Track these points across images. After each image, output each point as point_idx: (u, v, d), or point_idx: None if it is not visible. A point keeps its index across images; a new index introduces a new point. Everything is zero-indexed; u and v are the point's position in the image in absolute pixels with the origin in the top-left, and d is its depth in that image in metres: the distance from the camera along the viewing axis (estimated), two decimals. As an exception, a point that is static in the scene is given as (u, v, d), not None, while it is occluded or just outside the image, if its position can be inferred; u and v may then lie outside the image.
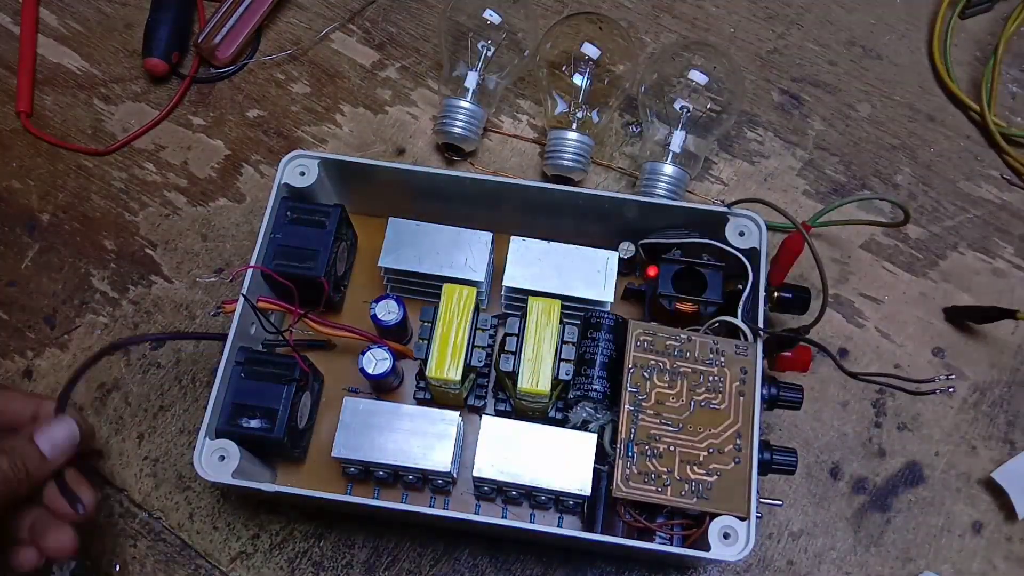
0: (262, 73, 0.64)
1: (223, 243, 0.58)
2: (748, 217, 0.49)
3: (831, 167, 0.61)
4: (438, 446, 0.46)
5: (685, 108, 0.57)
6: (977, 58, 0.65)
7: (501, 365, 0.47)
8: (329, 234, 0.50)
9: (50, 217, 0.59)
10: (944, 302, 0.57)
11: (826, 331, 0.56)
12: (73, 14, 0.66)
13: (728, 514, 0.43)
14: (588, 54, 0.58)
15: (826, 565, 0.51)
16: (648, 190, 0.56)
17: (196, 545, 0.51)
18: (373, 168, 0.51)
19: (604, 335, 0.48)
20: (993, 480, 0.52)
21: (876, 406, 0.54)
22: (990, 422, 0.54)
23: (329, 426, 0.49)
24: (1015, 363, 0.56)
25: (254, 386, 0.46)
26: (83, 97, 0.63)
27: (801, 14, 0.67)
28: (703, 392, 0.46)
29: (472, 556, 0.51)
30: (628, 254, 0.52)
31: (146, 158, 0.61)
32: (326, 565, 0.50)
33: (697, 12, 0.67)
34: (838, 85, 0.64)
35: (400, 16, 0.66)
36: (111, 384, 0.54)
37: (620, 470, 0.44)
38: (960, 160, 0.62)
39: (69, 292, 0.57)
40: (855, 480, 0.53)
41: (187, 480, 0.52)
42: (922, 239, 0.59)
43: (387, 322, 0.49)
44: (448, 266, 0.50)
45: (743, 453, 0.44)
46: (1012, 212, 0.60)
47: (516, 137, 0.62)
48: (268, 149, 0.61)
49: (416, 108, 0.63)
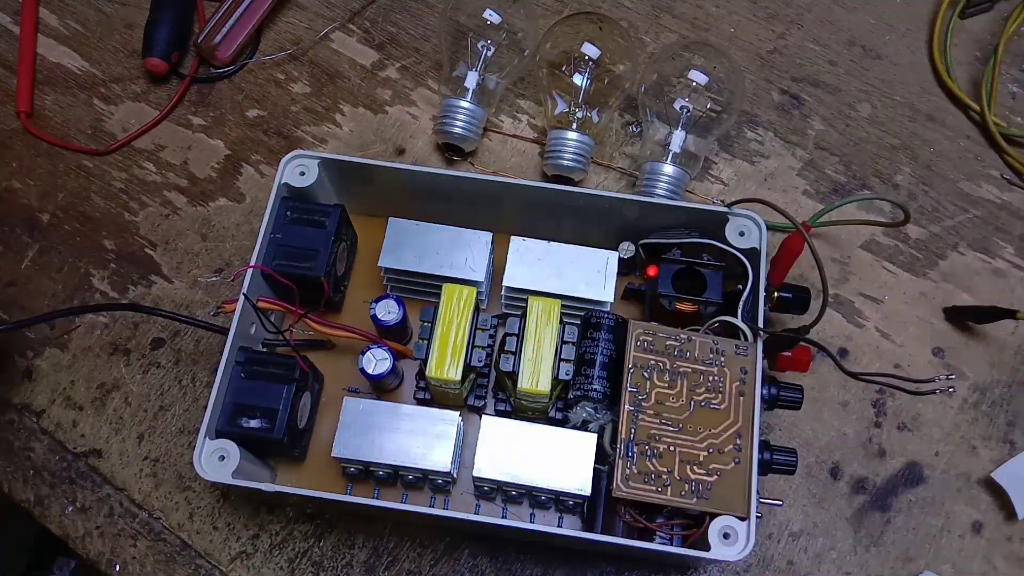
0: (262, 73, 0.64)
1: (223, 243, 0.58)
2: (748, 217, 0.49)
3: (831, 167, 0.61)
4: (438, 446, 0.46)
5: (685, 108, 0.57)
6: (977, 58, 0.65)
7: (501, 365, 0.47)
8: (329, 234, 0.50)
9: (50, 217, 0.59)
10: (944, 302, 0.57)
11: (826, 331, 0.56)
12: (73, 14, 0.66)
13: (728, 514, 0.43)
14: (588, 54, 0.58)
15: (826, 565, 0.51)
16: (648, 190, 0.56)
17: (196, 545, 0.51)
18: (373, 168, 0.51)
19: (604, 335, 0.48)
20: (993, 480, 0.52)
21: (876, 406, 0.54)
22: (990, 422, 0.54)
23: (329, 426, 0.49)
24: (1015, 363, 0.56)
25: (254, 386, 0.46)
26: (83, 97, 0.63)
27: (801, 14, 0.67)
28: (703, 392, 0.46)
29: (472, 556, 0.51)
30: (628, 254, 0.52)
31: (146, 158, 0.61)
32: (326, 565, 0.50)
33: (697, 12, 0.67)
34: (838, 85, 0.64)
35: (400, 16, 0.66)
36: (111, 384, 0.54)
37: (620, 470, 0.44)
38: (960, 160, 0.62)
39: (69, 292, 0.57)
40: (855, 480, 0.53)
41: (187, 480, 0.52)
42: (922, 239, 0.59)
43: (387, 322, 0.49)
44: (448, 266, 0.50)
45: (743, 453, 0.44)
46: (1012, 212, 0.60)
47: (516, 137, 0.62)
48: (268, 149, 0.61)
49: (416, 108, 0.63)
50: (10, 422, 0.54)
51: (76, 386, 0.54)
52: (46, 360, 0.55)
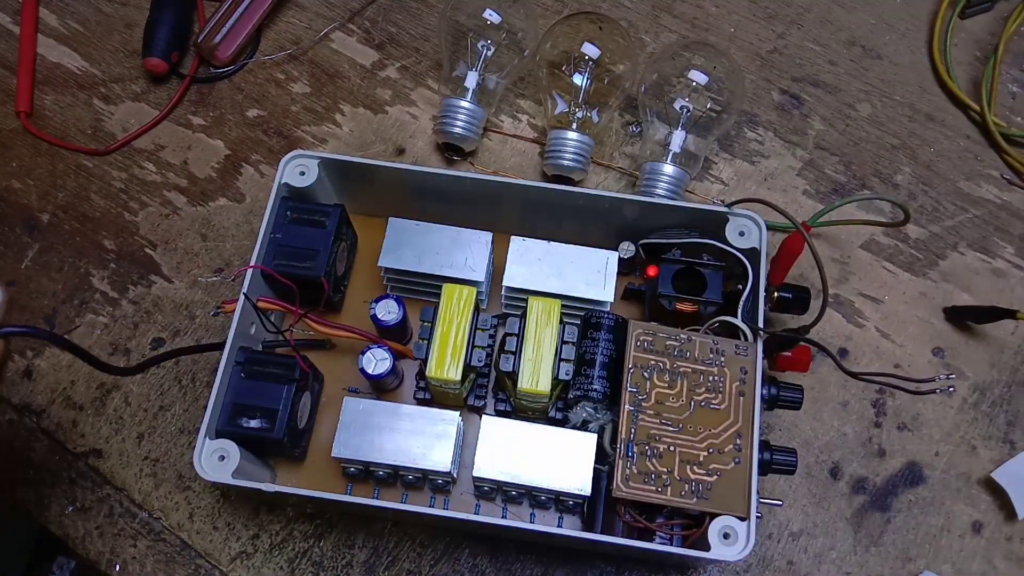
0: (262, 73, 0.64)
1: (223, 243, 0.58)
2: (748, 217, 0.49)
3: (831, 167, 0.61)
4: (438, 446, 0.46)
5: (685, 108, 0.57)
6: (977, 58, 0.65)
7: (501, 365, 0.47)
8: (329, 234, 0.50)
9: (50, 217, 0.59)
10: (944, 302, 0.57)
11: (826, 331, 0.56)
12: (73, 14, 0.66)
13: (728, 514, 0.43)
14: (588, 54, 0.58)
15: (826, 565, 0.51)
16: (648, 190, 0.56)
17: (196, 545, 0.51)
18: (373, 168, 0.51)
19: (604, 335, 0.48)
20: (993, 480, 0.52)
21: (876, 406, 0.54)
22: (990, 422, 0.54)
23: (329, 426, 0.49)
24: (1015, 363, 0.56)
25: (254, 386, 0.46)
26: (83, 97, 0.63)
27: (801, 14, 0.67)
28: (703, 392, 0.46)
29: (472, 556, 0.51)
30: (628, 254, 0.52)
31: (146, 158, 0.61)
32: (326, 565, 0.50)
33: (697, 12, 0.67)
34: (838, 85, 0.64)
35: (400, 16, 0.66)
36: (111, 384, 0.54)
37: (620, 470, 0.44)
38: (960, 160, 0.62)
39: (69, 292, 0.57)
40: (855, 480, 0.53)
41: (187, 480, 0.52)
42: (922, 239, 0.59)
43: (387, 322, 0.49)
44: (448, 266, 0.50)
45: (743, 453, 0.44)
46: (1012, 212, 0.60)
47: (516, 137, 0.62)
48: (268, 149, 0.61)
49: (416, 108, 0.63)
50: (10, 422, 0.54)
51: (76, 386, 0.54)
52: (46, 360, 0.55)
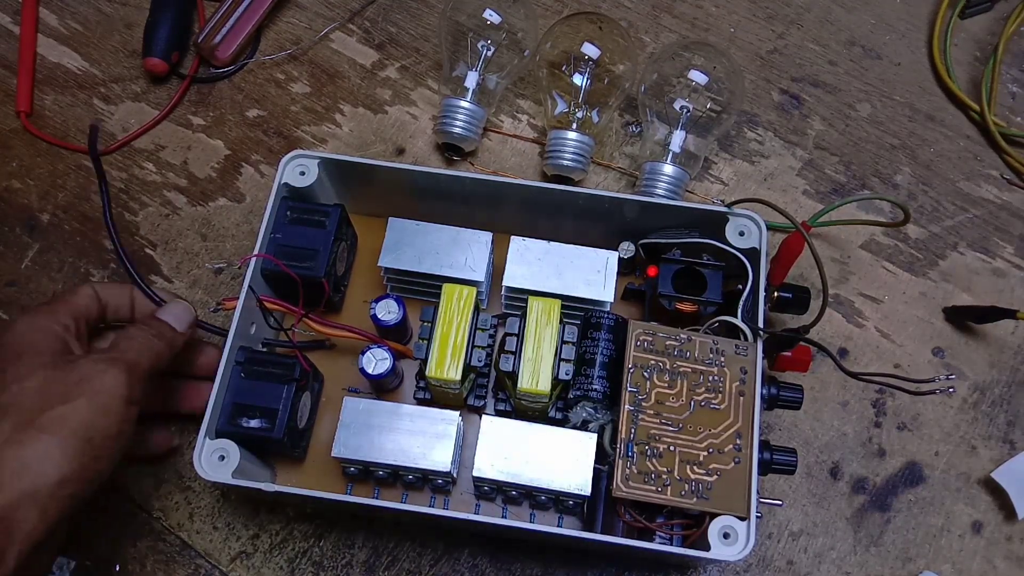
0: (262, 73, 0.64)
1: (223, 243, 0.58)
2: (748, 217, 0.49)
3: (831, 167, 0.61)
4: (438, 446, 0.46)
5: (685, 108, 0.57)
6: (977, 58, 0.65)
7: (501, 365, 0.47)
8: (329, 234, 0.50)
9: (50, 217, 0.59)
10: (944, 302, 0.57)
11: (826, 331, 0.56)
12: (73, 14, 0.66)
13: (728, 514, 0.43)
14: (588, 54, 0.58)
15: (826, 565, 0.51)
16: (648, 190, 0.56)
17: (196, 545, 0.51)
18: (373, 168, 0.51)
19: (604, 335, 0.48)
20: (993, 480, 0.52)
21: (876, 406, 0.54)
22: (990, 422, 0.54)
23: (329, 426, 0.49)
24: (1015, 363, 0.56)
25: (254, 386, 0.46)
26: (83, 97, 0.63)
27: (801, 14, 0.67)
28: (703, 392, 0.46)
29: (472, 556, 0.51)
30: (628, 254, 0.52)
31: (146, 158, 0.61)
32: (326, 565, 0.50)
33: (697, 12, 0.67)
34: (838, 85, 0.64)
35: (400, 16, 0.66)
36: (111, 384, 0.54)
37: (620, 470, 0.44)
38: (960, 160, 0.62)
39: (69, 292, 0.57)
40: (855, 480, 0.53)
41: (187, 480, 0.52)
42: (922, 239, 0.59)
43: (387, 322, 0.49)
44: (448, 266, 0.50)
45: (743, 453, 0.44)
46: (1012, 212, 0.60)
47: (516, 137, 0.62)
48: (268, 149, 0.61)
49: (416, 108, 0.63)
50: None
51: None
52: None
